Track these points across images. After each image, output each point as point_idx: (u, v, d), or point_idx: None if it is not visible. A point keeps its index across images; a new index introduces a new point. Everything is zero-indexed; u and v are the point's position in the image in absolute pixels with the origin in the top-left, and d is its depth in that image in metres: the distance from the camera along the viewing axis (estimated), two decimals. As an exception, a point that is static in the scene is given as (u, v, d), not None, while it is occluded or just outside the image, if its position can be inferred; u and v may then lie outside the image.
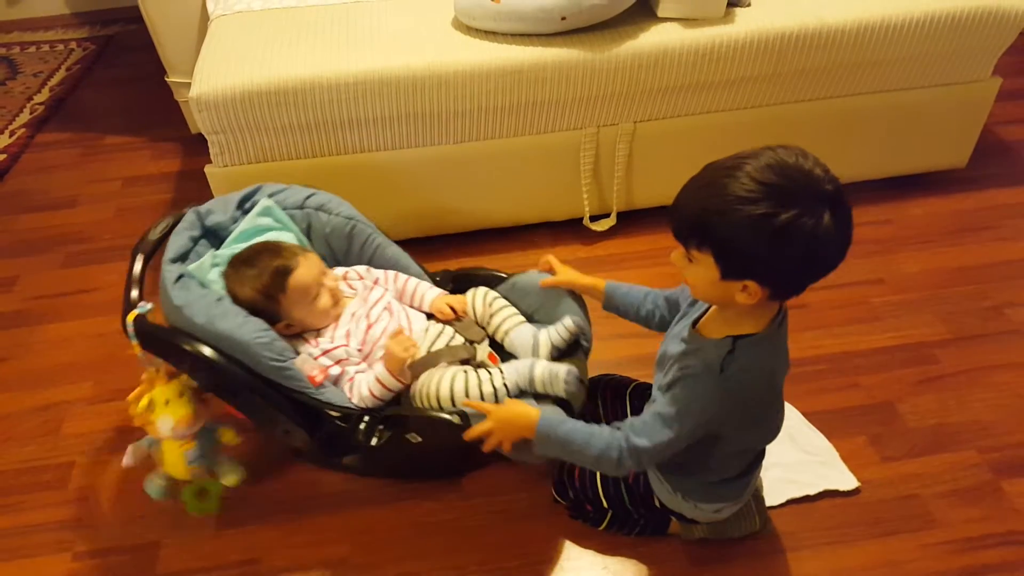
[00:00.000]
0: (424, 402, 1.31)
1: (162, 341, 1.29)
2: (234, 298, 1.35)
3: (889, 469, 1.45)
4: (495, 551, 1.35)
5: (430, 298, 1.47)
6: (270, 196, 1.52)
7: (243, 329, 1.27)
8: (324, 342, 1.38)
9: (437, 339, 1.38)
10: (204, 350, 1.25)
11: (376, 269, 1.53)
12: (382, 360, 1.33)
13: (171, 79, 2.39)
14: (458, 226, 2.01)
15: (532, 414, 1.15)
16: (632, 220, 2.04)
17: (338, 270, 1.50)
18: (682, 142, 1.92)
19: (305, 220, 1.54)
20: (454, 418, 1.24)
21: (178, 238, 1.39)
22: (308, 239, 1.55)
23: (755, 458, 1.22)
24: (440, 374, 1.30)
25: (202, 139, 1.78)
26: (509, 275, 1.50)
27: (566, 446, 1.13)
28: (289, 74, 1.67)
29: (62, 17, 3.51)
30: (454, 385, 1.28)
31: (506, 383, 1.27)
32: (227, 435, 1.39)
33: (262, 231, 1.47)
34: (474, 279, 1.53)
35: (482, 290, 1.47)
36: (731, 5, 1.80)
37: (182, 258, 1.38)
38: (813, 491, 1.40)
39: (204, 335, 1.26)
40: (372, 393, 1.32)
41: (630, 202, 2.04)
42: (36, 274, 2.05)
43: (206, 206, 1.47)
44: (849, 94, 1.93)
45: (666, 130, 1.91)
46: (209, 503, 1.40)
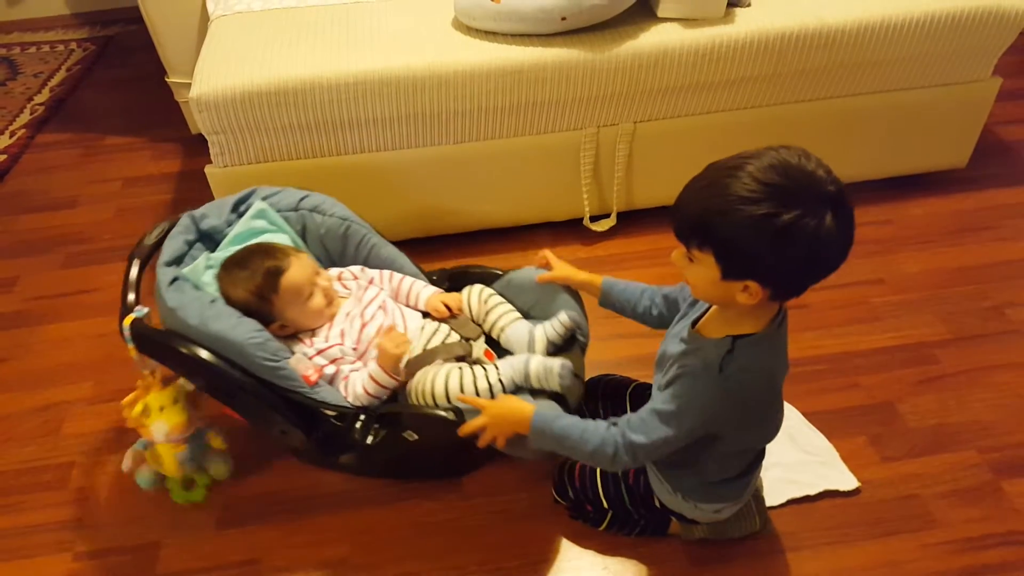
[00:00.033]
0: (420, 399, 1.31)
1: (159, 344, 1.30)
2: (228, 300, 1.35)
3: (889, 469, 1.45)
4: (495, 551, 1.35)
5: (425, 296, 1.47)
6: (264, 199, 1.52)
7: (236, 330, 1.27)
8: (319, 342, 1.38)
9: (433, 337, 1.38)
10: (201, 353, 1.26)
11: (371, 269, 1.53)
12: (376, 358, 1.33)
13: (171, 79, 2.39)
14: (458, 226, 2.01)
15: (527, 410, 1.16)
16: (632, 220, 2.04)
17: (332, 271, 1.50)
18: (682, 142, 1.92)
19: (300, 222, 1.54)
20: (449, 414, 1.25)
21: (173, 242, 1.40)
22: (303, 241, 1.55)
23: (755, 458, 1.22)
24: (435, 371, 1.30)
25: (202, 139, 1.79)
26: (505, 272, 1.50)
27: (561, 441, 1.13)
28: (289, 74, 1.67)
29: (62, 18, 3.51)
30: (449, 381, 1.28)
31: (501, 379, 1.27)
32: (216, 440, 1.45)
33: (257, 233, 1.48)
34: (470, 277, 1.53)
35: (477, 287, 1.47)
36: (731, 5, 1.80)
37: (177, 261, 1.39)
38: (813, 491, 1.40)
39: (198, 336, 1.27)
40: (367, 391, 1.32)
41: (630, 202, 2.04)
42: (36, 274, 2.05)
43: (201, 210, 1.48)
44: (849, 94, 1.93)
45: (666, 130, 1.91)
46: (195, 493, 1.44)
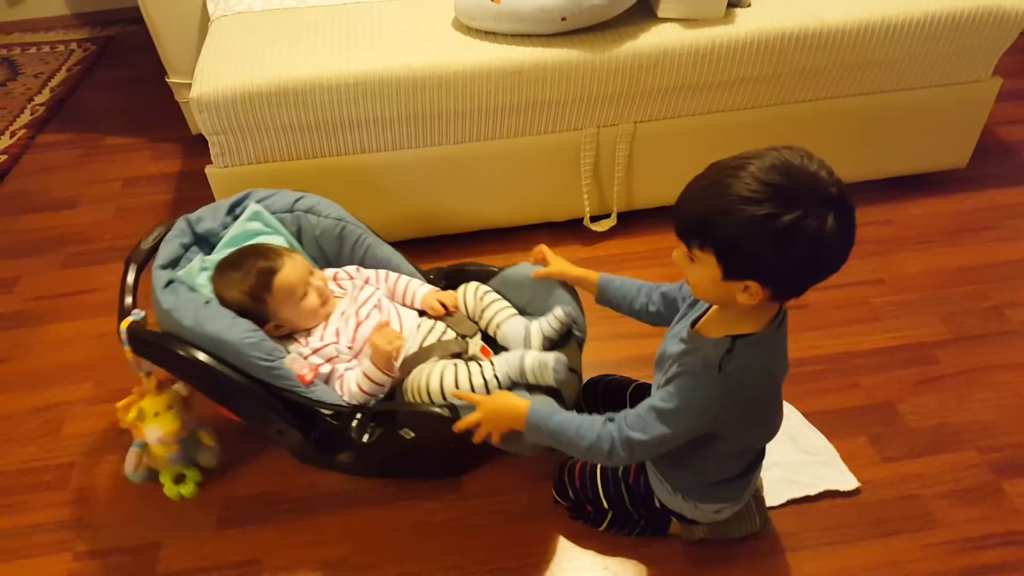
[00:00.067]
0: (415, 396, 1.31)
1: (156, 347, 1.32)
2: (223, 301, 1.36)
3: (889, 469, 1.45)
4: (495, 551, 1.35)
5: (421, 295, 1.47)
6: (259, 201, 1.53)
7: (231, 330, 1.28)
8: (314, 341, 1.38)
9: (429, 335, 1.38)
10: (197, 354, 1.27)
11: (367, 269, 1.53)
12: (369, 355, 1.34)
13: (172, 80, 2.39)
14: (458, 227, 2.01)
15: (522, 405, 1.16)
16: (632, 220, 2.04)
17: (328, 271, 1.51)
18: (682, 143, 1.92)
19: (295, 223, 1.54)
20: (444, 411, 1.25)
21: (168, 245, 1.41)
22: (299, 242, 1.55)
23: (755, 458, 1.22)
24: (430, 368, 1.31)
25: (203, 140, 1.79)
26: (500, 269, 1.50)
27: (557, 437, 1.13)
28: (290, 75, 1.67)
29: (63, 18, 3.51)
30: (444, 378, 1.28)
31: (497, 375, 1.27)
32: (207, 438, 1.47)
33: (252, 235, 1.48)
34: (466, 274, 1.53)
35: (473, 285, 1.48)
36: (731, 5, 1.80)
37: (172, 264, 1.39)
38: (813, 491, 1.40)
39: (193, 337, 1.28)
40: (361, 388, 1.32)
41: (630, 202, 2.04)
42: (36, 275, 2.05)
43: (196, 214, 1.49)
44: (849, 94, 1.93)
45: (666, 131, 1.91)
46: (186, 487, 1.45)
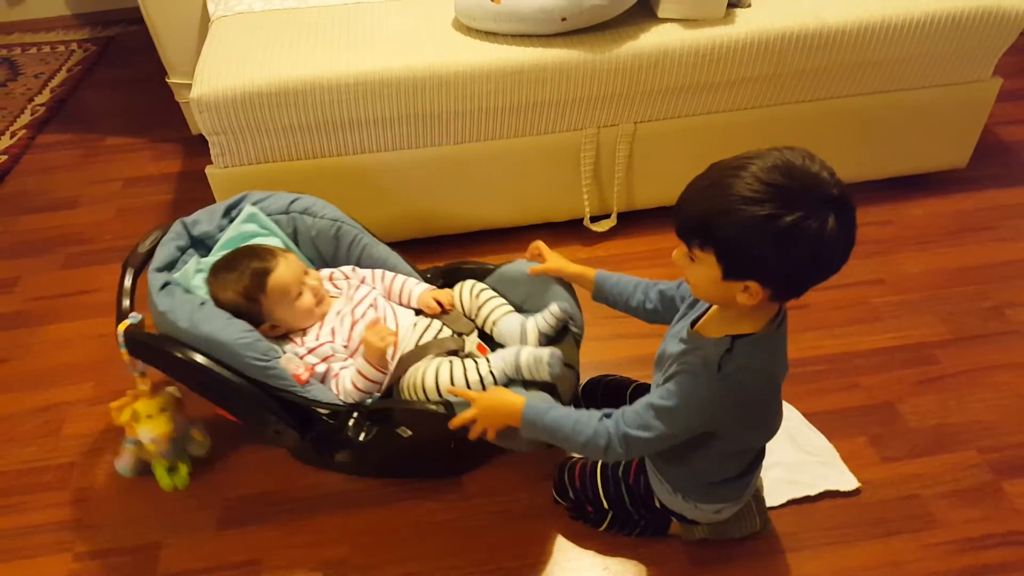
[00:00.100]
0: (411, 394, 1.31)
1: (153, 349, 1.32)
2: (218, 303, 1.36)
3: (890, 469, 1.45)
4: (495, 552, 1.35)
5: (417, 294, 1.48)
6: (255, 203, 1.53)
7: (226, 331, 1.28)
8: (309, 340, 1.39)
9: (425, 333, 1.39)
10: (193, 355, 1.27)
11: (363, 269, 1.53)
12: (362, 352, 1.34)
13: (172, 80, 2.39)
14: (458, 227, 2.01)
15: (517, 402, 1.16)
16: (633, 221, 2.04)
17: (324, 271, 1.51)
18: (682, 143, 1.92)
19: (290, 224, 1.55)
20: (438, 408, 1.25)
21: (165, 248, 1.42)
22: (295, 243, 1.56)
23: (755, 458, 1.22)
24: (426, 365, 1.31)
25: (203, 140, 1.79)
26: (497, 266, 1.50)
27: (553, 433, 1.13)
28: (290, 75, 1.67)
29: (63, 18, 3.51)
30: (439, 375, 1.28)
31: (492, 371, 1.27)
32: (198, 435, 1.49)
33: (248, 237, 1.49)
34: (462, 273, 1.53)
35: (469, 282, 1.48)
36: (731, 6, 1.80)
37: (168, 267, 1.40)
38: (814, 491, 1.40)
39: (189, 339, 1.28)
40: (356, 386, 1.32)
41: (631, 203, 2.04)
42: (37, 275, 2.05)
43: (192, 217, 1.49)
44: (849, 95, 1.93)
45: (666, 131, 1.91)
46: (179, 477, 1.47)
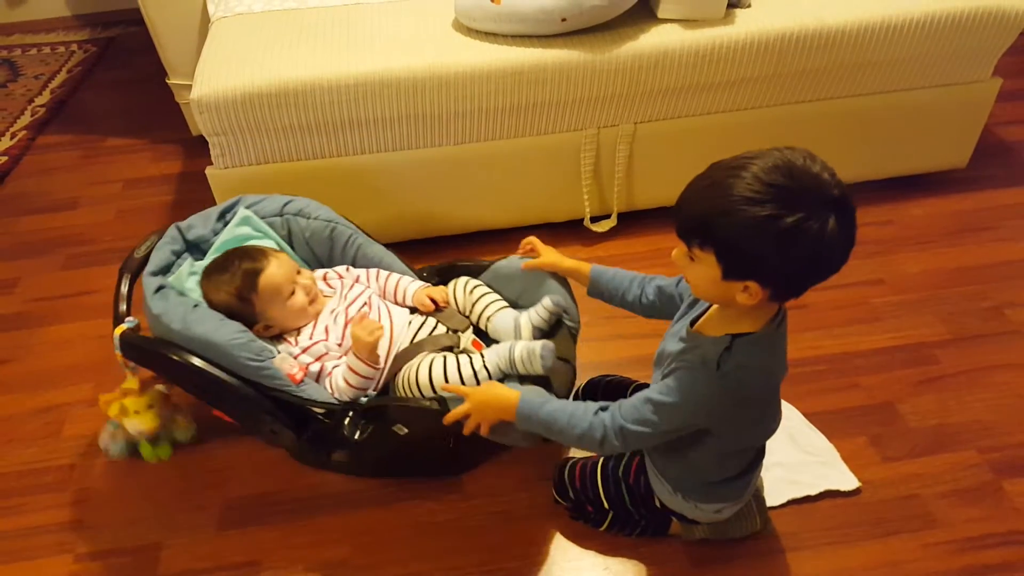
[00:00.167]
0: (406, 391, 1.31)
1: (148, 352, 1.33)
2: (211, 304, 1.37)
3: (890, 469, 1.45)
4: (496, 552, 1.35)
5: (412, 292, 1.48)
6: (249, 206, 1.54)
7: (219, 332, 1.29)
8: (303, 340, 1.39)
9: (420, 331, 1.39)
10: (188, 357, 1.28)
11: (357, 268, 1.53)
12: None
13: (172, 81, 2.39)
14: (458, 227, 2.01)
15: (512, 396, 1.16)
16: (633, 221, 2.04)
17: (318, 271, 1.51)
18: (682, 143, 1.93)
19: (284, 227, 1.56)
20: (432, 404, 1.25)
21: (160, 253, 1.43)
22: (290, 245, 1.56)
23: (755, 457, 1.22)
24: (419, 361, 1.31)
25: (203, 141, 1.79)
26: (492, 262, 1.50)
27: (548, 426, 1.13)
28: (290, 76, 1.67)
29: (63, 19, 3.51)
30: (432, 370, 1.28)
31: (487, 366, 1.27)
32: (183, 423, 1.53)
33: (242, 240, 1.50)
34: (458, 270, 1.54)
35: (463, 279, 1.48)
36: (731, 6, 1.80)
37: (163, 271, 1.41)
38: (814, 491, 1.40)
39: (182, 341, 1.29)
40: (348, 382, 1.32)
41: (631, 203, 2.04)
42: (37, 276, 2.05)
43: (187, 221, 1.51)
44: (849, 95, 1.93)
45: (666, 131, 1.91)
46: (163, 449, 1.52)
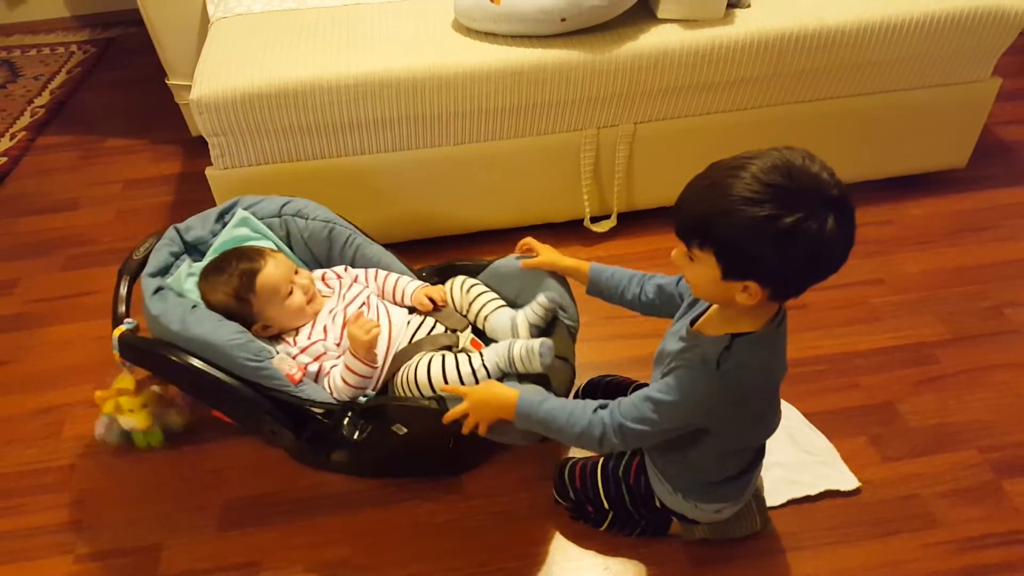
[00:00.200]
0: (405, 391, 1.32)
1: (147, 353, 1.34)
2: (209, 305, 1.37)
3: (890, 469, 1.45)
4: (496, 552, 1.35)
5: (410, 291, 1.48)
6: (247, 208, 1.54)
7: (217, 332, 1.29)
8: (302, 340, 1.39)
9: (418, 330, 1.39)
10: (187, 358, 1.28)
11: (356, 268, 1.53)
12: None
13: (171, 82, 2.39)
14: (458, 228, 2.01)
15: (510, 394, 1.16)
16: (633, 221, 2.04)
17: (316, 272, 1.52)
18: (682, 143, 1.93)
19: (283, 227, 1.56)
20: (431, 403, 1.25)
21: (158, 254, 1.43)
22: (288, 246, 1.57)
23: (755, 457, 1.22)
24: (418, 360, 1.31)
25: (203, 141, 1.79)
26: (490, 262, 1.50)
27: (547, 424, 1.13)
28: (289, 76, 1.67)
29: (63, 20, 3.51)
30: (431, 369, 1.28)
31: (486, 365, 1.28)
32: (176, 416, 1.54)
33: (240, 241, 1.50)
34: (456, 270, 1.54)
35: (460, 278, 1.48)
36: (731, 6, 1.80)
37: (162, 272, 1.41)
38: (814, 491, 1.40)
39: (180, 341, 1.29)
40: (345, 381, 1.32)
41: (631, 203, 2.04)
42: (37, 277, 2.05)
43: (185, 223, 1.51)
44: (849, 95, 1.93)
45: (666, 131, 1.91)
46: (152, 435, 1.53)
